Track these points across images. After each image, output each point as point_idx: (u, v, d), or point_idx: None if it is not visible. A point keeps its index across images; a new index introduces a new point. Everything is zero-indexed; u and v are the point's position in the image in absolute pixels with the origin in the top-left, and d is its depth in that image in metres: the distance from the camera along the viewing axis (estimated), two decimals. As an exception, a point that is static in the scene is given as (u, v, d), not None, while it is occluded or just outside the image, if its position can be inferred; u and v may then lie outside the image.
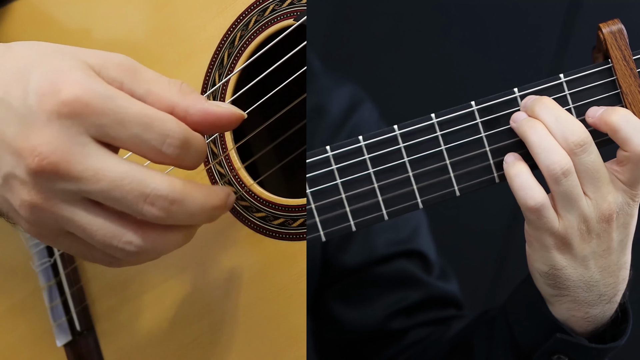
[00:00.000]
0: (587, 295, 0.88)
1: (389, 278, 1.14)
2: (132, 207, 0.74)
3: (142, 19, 0.94)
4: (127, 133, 0.73)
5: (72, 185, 0.73)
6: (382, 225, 1.13)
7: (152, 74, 0.77)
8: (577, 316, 0.89)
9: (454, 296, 1.16)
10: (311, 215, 0.84)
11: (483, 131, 0.85)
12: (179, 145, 0.74)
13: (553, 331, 0.90)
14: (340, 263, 1.14)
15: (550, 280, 0.87)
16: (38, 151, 0.72)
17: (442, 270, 1.17)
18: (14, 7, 1.03)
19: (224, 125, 0.78)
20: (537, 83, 0.85)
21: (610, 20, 0.85)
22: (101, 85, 0.73)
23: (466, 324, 1.09)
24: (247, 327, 0.88)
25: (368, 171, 0.85)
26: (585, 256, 0.85)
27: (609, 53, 0.84)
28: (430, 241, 1.18)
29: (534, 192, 0.83)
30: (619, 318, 0.92)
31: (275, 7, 0.88)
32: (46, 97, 0.72)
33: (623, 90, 0.85)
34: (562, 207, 0.84)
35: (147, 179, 0.73)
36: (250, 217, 0.88)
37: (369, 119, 1.17)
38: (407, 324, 1.13)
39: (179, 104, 0.76)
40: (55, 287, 1.01)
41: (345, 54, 1.59)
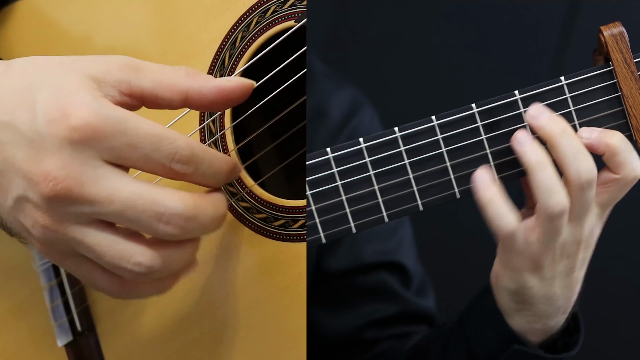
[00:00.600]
0: (548, 309, 0.89)
1: (369, 288, 1.15)
2: (147, 226, 0.75)
3: (143, 20, 0.94)
4: (138, 154, 0.74)
5: (86, 209, 0.74)
6: (369, 234, 1.14)
7: (155, 66, 0.77)
8: (535, 327, 0.91)
9: (428, 312, 1.17)
10: (311, 216, 0.84)
11: (484, 134, 0.85)
12: (187, 162, 0.75)
13: (509, 342, 0.91)
14: (325, 267, 1.15)
15: (515, 297, 0.89)
16: (52, 176, 0.72)
17: (421, 284, 1.18)
18: (15, 8, 1.03)
19: (239, 97, 0.80)
20: (538, 86, 0.85)
21: (611, 23, 0.85)
22: (110, 108, 0.73)
23: (423, 336, 1.10)
24: (248, 328, 0.88)
25: (368, 173, 0.85)
26: (554, 276, 0.87)
27: (609, 56, 0.84)
28: (413, 254, 1.19)
29: (507, 221, 0.84)
30: (571, 327, 0.93)
31: (276, 8, 0.87)
32: (55, 123, 0.72)
33: (624, 93, 0.85)
34: (546, 239, 0.84)
35: (160, 198, 0.74)
36: (251, 218, 0.88)
37: (369, 124, 1.17)
38: (379, 335, 1.14)
39: (192, 87, 0.77)
40: (56, 287, 1.01)
41: (346, 55, 1.59)
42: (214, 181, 0.78)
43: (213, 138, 0.90)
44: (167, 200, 0.74)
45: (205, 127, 0.90)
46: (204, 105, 0.78)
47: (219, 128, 0.90)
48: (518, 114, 0.85)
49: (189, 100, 0.77)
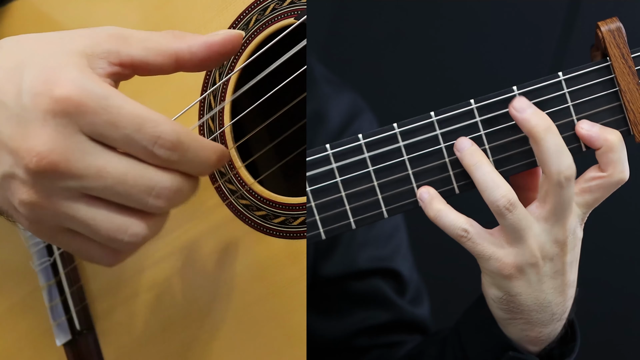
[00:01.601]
0: (541, 316, 0.88)
1: (362, 295, 1.15)
2: (137, 201, 0.74)
3: (142, 17, 0.94)
4: (119, 133, 0.73)
5: (74, 183, 0.73)
6: (365, 239, 1.14)
7: (143, 34, 0.77)
8: (530, 335, 0.90)
9: (423, 321, 1.16)
10: (311, 213, 0.85)
11: (482, 129, 0.86)
12: (170, 147, 0.74)
13: (505, 350, 0.91)
14: (320, 272, 1.14)
15: (504, 305, 0.88)
16: (36, 151, 0.72)
17: (416, 292, 1.17)
18: (13, 7, 1.03)
19: (229, 50, 0.79)
20: (536, 81, 0.85)
21: (609, 19, 0.85)
22: (95, 83, 0.73)
23: (416, 344, 1.10)
24: (247, 326, 0.88)
25: (368, 169, 0.85)
26: (539, 280, 0.86)
27: (607, 51, 0.85)
28: (409, 261, 1.18)
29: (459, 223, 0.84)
30: (568, 335, 0.92)
31: (275, 6, 0.88)
32: (40, 97, 0.72)
33: (622, 88, 0.85)
34: (512, 239, 0.84)
35: (149, 173, 0.74)
36: (251, 215, 0.88)
37: (367, 130, 1.17)
38: (370, 342, 1.14)
39: (180, 47, 0.77)
40: (54, 287, 1.01)
41: (346, 54, 1.59)
42: (199, 171, 0.77)
43: (212, 136, 0.90)
44: (156, 175, 0.74)
45: (205, 124, 0.90)
46: (195, 65, 0.78)
47: (218, 125, 0.90)
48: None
49: (179, 61, 0.77)
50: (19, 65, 0.74)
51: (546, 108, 0.85)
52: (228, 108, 0.90)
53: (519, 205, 0.83)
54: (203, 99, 0.90)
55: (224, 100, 0.89)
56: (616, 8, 1.10)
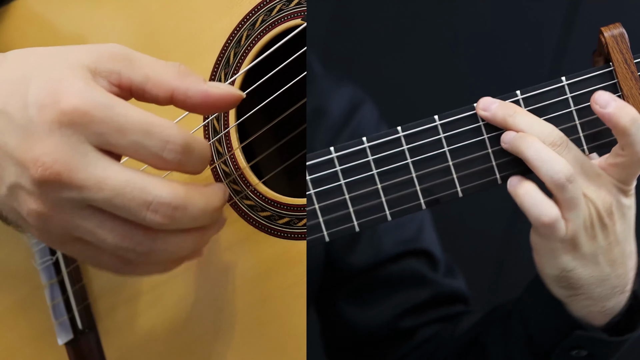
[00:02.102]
0: (602, 290, 0.88)
1: (397, 278, 1.15)
2: (135, 215, 0.74)
3: (147, 17, 0.94)
4: (127, 140, 0.73)
5: (76, 194, 0.74)
6: (387, 225, 1.13)
7: (148, 59, 0.77)
8: (594, 311, 0.90)
9: (461, 292, 1.17)
10: (315, 215, 0.85)
11: (486, 133, 0.86)
12: (180, 151, 0.74)
13: (572, 328, 0.91)
14: (348, 264, 1.15)
15: (562, 283, 0.88)
16: (41, 161, 0.73)
17: (448, 267, 1.18)
18: (12, 9, 1.03)
19: (224, 106, 0.79)
20: (539, 86, 0.86)
21: (612, 24, 0.86)
22: (100, 94, 0.74)
23: (475, 322, 1.10)
24: (250, 327, 0.88)
25: (372, 172, 0.85)
26: (594, 253, 0.86)
27: (610, 56, 0.85)
28: (435, 238, 1.19)
29: (547, 209, 0.84)
30: (634, 307, 0.92)
31: (282, 7, 0.88)
32: (46, 108, 0.73)
33: (624, 93, 0.86)
34: (569, 212, 0.84)
35: (149, 187, 0.74)
36: (255, 216, 0.88)
37: (369, 120, 1.17)
38: (416, 322, 1.14)
39: (179, 87, 0.77)
40: (57, 285, 1.01)
41: (346, 55, 1.59)
42: (198, 169, 0.78)
43: (217, 136, 0.90)
44: (156, 189, 0.74)
45: (210, 125, 0.90)
46: (187, 107, 0.78)
47: (223, 126, 0.90)
48: (521, 113, 0.86)
49: (174, 99, 0.77)
50: (24, 78, 0.75)
51: (549, 113, 0.86)
52: (233, 110, 0.90)
53: (576, 176, 0.84)
54: (207, 99, 0.90)
55: None
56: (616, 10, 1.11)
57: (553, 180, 0.83)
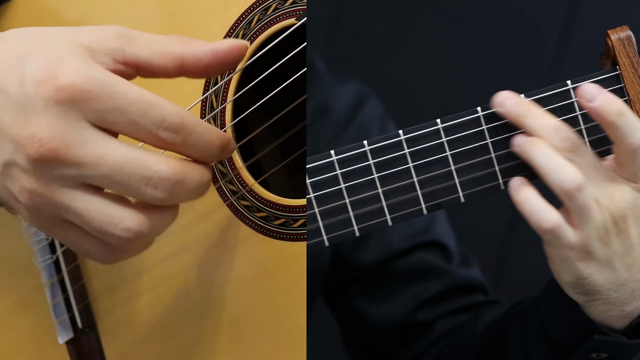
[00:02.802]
0: (620, 295, 0.87)
1: (410, 271, 1.15)
2: (135, 190, 0.74)
3: (145, 16, 0.93)
4: (125, 118, 0.73)
5: (73, 171, 0.73)
6: None
7: (149, 36, 0.77)
8: (613, 315, 0.89)
9: (478, 281, 1.16)
10: (314, 219, 0.84)
11: (489, 137, 0.85)
12: (175, 130, 0.74)
13: (590, 332, 0.90)
14: (359, 261, 1.15)
15: (579, 289, 0.87)
16: (37, 138, 0.72)
17: (462, 257, 1.17)
18: (17, 3, 1.02)
19: (234, 58, 0.79)
20: (544, 89, 0.84)
21: (619, 27, 0.84)
22: (99, 71, 0.73)
23: (496, 318, 1.08)
24: (248, 327, 0.88)
25: (372, 176, 0.84)
26: (609, 259, 0.85)
27: (617, 60, 0.83)
28: (448, 229, 1.18)
29: (547, 215, 0.83)
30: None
31: (277, 6, 0.87)
32: (43, 84, 0.72)
33: (631, 98, 0.84)
34: (579, 220, 0.83)
35: (148, 162, 0.74)
36: (251, 216, 0.88)
37: (374, 116, 1.16)
38: (433, 314, 1.14)
39: (187, 52, 0.77)
40: (57, 285, 1.01)
41: (347, 54, 1.58)
42: (204, 154, 0.77)
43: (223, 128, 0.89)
44: (155, 164, 0.74)
45: None
46: (200, 70, 0.77)
47: (220, 125, 0.89)
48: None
49: (184, 65, 0.77)
50: (22, 55, 0.74)
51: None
52: (230, 108, 0.89)
53: (586, 184, 0.82)
54: (205, 98, 0.90)
55: (226, 100, 0.89)
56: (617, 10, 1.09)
57: (561, 189, 0.82)
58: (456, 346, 1.11)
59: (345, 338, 1.22)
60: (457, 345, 1.11)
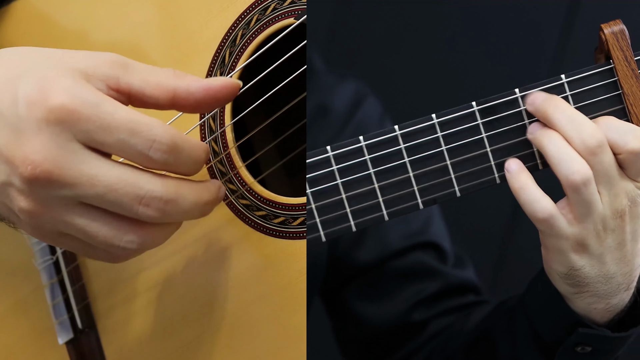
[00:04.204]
0: (607, 288, 0.88)
1: (406, 271, 1.15)
2: (128, 209, 0.75)
3: (144, 18, 0.94)
4: (114, 138, 0.74)
5: (68, 191, 0.74)
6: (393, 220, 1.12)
7: (144, 66, 0.78)
8: (598, 308, 0.90)
9: (471, 282, 1.16)
10: (311, 215, 0.84)
11: (484, 132, 0.85)
12: (166, 150, 0.75)
13: (575, 326, 0.91)
14: (355, 260, 1.15)
15: (569, 280, 0.88)
16: (30, 159, 0.73)
17: (457, 257, 1.17)
18: (14, 7, 1.03)
19: (226, 97, 0.79)
20: (539, 84, 0.85)
21: (612, 21, 0.84)
22: (88, 92, 0.74)
23: (485, 316, 1.09)
24: (248, 326, 0.88)
25: (369, 171, 0.85)
26: (602, 253, 0.86)
27: (610, 54, 0.84)
28: (443, 230, 1.18)
29: (542, 204, 0.84)
30: (638, 303, 0.92)
31: (276, 5, 0.88)
32: (35, 105, 0.73)
33: (624, 91, 0.84)
34: (580, 214, 0.84)
35: (140, 181, 0.74)
36: (251, 215, 0.88)
37: (373, 115, 1.17)
38: (427, 314, 1.14)
39: (179, 85, 0.77)
40: (57, 285, 1.01)
41: (346, 53, 1.59)
42: (189, 170, 0.78)
43: (213, 135, 0.90)
44: (148, 183, 0.75)
45: (205, 124, 0.90)
46: (191, 105, 0.78)
47: (219, 125, 0.90)
48: (518, 111, 0.85)
49: (176, 99, 0.77)
50: (16, 76, 0.75)
51: (548, 110, 0.84)
52: (229, 108, 0.90)
53: (593, 180, 0.83)
54: (204, 98, 0.90)
55: None
56: (617, 9, 1.09)
57: (569, 181, 0.82)
58: (446, 345, 1.12)
59: (339, 337, 1.22)
60: (446, 344, 1.12)
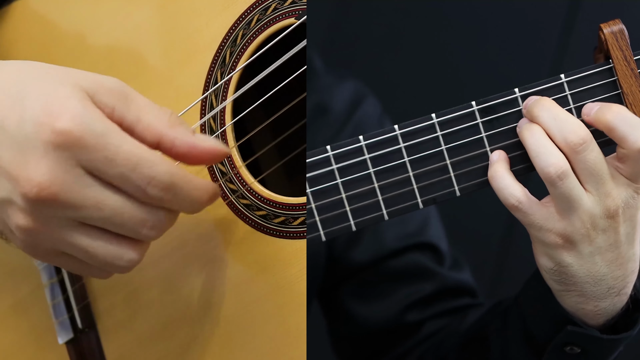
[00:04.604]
0: (596, 290, 0.87)
1: (402, 271, 1.15)
2: (133, 232, 0.77)
3: (144, 18, 0.94)
4: (116, 171, 0.75)
5: (72, 213, 0.75)
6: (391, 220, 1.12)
7: (143, 101, 0.78)
8: (586, 309, 0.89)
9: (467, 284, 1.16)
10: (311, 214, 0.84)
11: (483, 131, 0.85)
12: (163, 188, 0.76)
13: (564, 323, 0.90)
14: (351, 260, 1.15)
15: (556, 277, 0.87)
16: (37, 181, 0.74)
17: (454, 260, 1.17)
18: (14, 8, 1.03)
19: (208, 160, 0.80)
20: (538, 83, 0.85)
21: (611, 21, 0.84)
22: (96, 119, 0.74)
23: (480, 316, 1.09)
24: (248, 326, 0.88)
25: (368, 171, 0.85)
26: (591, 252, 0.85)
27: (609, 53, 0.84)
28: (441, 232, 1.18)
29: (511, 191, 0.84)
30: (630, 309, 0.91)
31: (277, 6, 0.88)
32: (42, 127, 0.74)
33: (624, 91, 0.85)
34: (562, 208, 0.84)
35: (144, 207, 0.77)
36: (251, 215, 0.88)
37: (372, 115, 1.17)
38: (422, 316, 1.14)
39: (167, 134, 0.78)
40: (57, 285, 1.01)
41: (346, 53, 1.59)
42: (190, 209, 0.80)
43: (213, 135, 0.90)
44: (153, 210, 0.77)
45: (206, 124, 0.90)
46: (172, 155, 0.79)
47: (219, 125, 0.90)
48: (518, 111, 0.85)
49: (160, 145, 0.78)
50: (22, 91, 0.76)
51: (548, 110, 0.85)
52: (229, 107, 0.90)
53: (571, 174, 0.83)
54: (205, 98, 0.90)
55: (226, 100, 0.89)
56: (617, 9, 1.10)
57: (544, 174, 0.83)
58: (440, 345, 1.12)
59: (333, 337, 1.22)
60: (440, 345, 1.12)
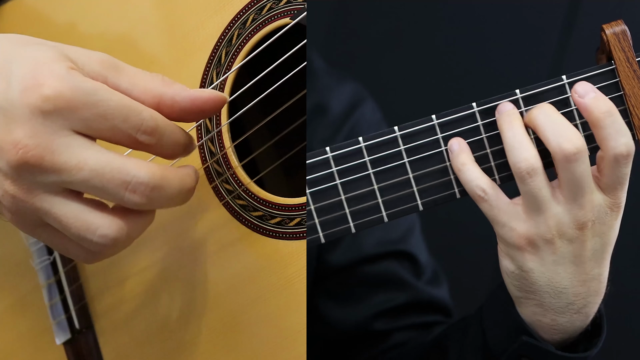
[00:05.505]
0: (555, 302, 0.86)
1: (377, 278, 1.14)
2: (114, 195, 0.75)
3: (140, 17, 0.94)
4: (108, 125, 0.75)
5: (54, 177, 0.74)
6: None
7: (133, 69, 0.78)
8: (543, 321, 0.88)
9: (442, 302, 1.14)
10: (310, 216, 0.84)
11: (484, 133, 0.84)
12: (150, 133, 0.76)
13: (520, 333, 0.89)
14: (329, 261, 1.14)
15: (516, 281, 0.86)
16: (22, 144, 0.73)
17: (433, 274, 1.15)
18: (10, 7, 1.02)
19: (211, 109, 0.80)
20: (540, 84, 0.84)
21: (614, 22, 0.84)
22: (82, 79, 0.74)
23: (444, 329, 1.08)
24: (245, 327, 0.88)
25: (368, 172, 0.84)
26: (555, 261, 0.84)
27: (612, 55, 0.83)
28: (422, 244, 1.17)
29: (478, 183, 0.83)
30: (589, 331, 0.90)
31: (272, 5, 0.87)
32: (28, 92, 0.73)
33: (626, 92, 0.84)
34: (528, 207, 0.83)
35: (127, 167, 0.75)
36: (247, 216, 0.88)
37: (370, 118, 1.16)
38: (390, 325, 1.13)
39: (166, 92, 0.78)
40: (54, 285, 1.01)
41: (346, 53, 1.58)
42: (171, 153, 0.79)
43: (209, 135, 0.89)
44: (134, 169, 0.75)
45: (202, 124, 0.90)
46: (175, 113, 0.79)
47: (215, 125, 0.89)
48: (519, 112, 0.84)
49: (161, 105, 0.78)
50: (8, 60, 0.75)
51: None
52: (225, 108, 0.89)
53: (542, 173, 0.82)
54: (202, 97, 0.90)
55: None
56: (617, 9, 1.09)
57: (514, 168, 0.82)
58: (403, 356, 1.11)
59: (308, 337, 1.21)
60: (404, 355, 1.11)
